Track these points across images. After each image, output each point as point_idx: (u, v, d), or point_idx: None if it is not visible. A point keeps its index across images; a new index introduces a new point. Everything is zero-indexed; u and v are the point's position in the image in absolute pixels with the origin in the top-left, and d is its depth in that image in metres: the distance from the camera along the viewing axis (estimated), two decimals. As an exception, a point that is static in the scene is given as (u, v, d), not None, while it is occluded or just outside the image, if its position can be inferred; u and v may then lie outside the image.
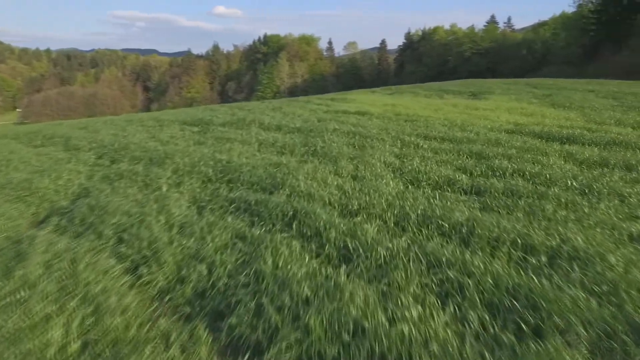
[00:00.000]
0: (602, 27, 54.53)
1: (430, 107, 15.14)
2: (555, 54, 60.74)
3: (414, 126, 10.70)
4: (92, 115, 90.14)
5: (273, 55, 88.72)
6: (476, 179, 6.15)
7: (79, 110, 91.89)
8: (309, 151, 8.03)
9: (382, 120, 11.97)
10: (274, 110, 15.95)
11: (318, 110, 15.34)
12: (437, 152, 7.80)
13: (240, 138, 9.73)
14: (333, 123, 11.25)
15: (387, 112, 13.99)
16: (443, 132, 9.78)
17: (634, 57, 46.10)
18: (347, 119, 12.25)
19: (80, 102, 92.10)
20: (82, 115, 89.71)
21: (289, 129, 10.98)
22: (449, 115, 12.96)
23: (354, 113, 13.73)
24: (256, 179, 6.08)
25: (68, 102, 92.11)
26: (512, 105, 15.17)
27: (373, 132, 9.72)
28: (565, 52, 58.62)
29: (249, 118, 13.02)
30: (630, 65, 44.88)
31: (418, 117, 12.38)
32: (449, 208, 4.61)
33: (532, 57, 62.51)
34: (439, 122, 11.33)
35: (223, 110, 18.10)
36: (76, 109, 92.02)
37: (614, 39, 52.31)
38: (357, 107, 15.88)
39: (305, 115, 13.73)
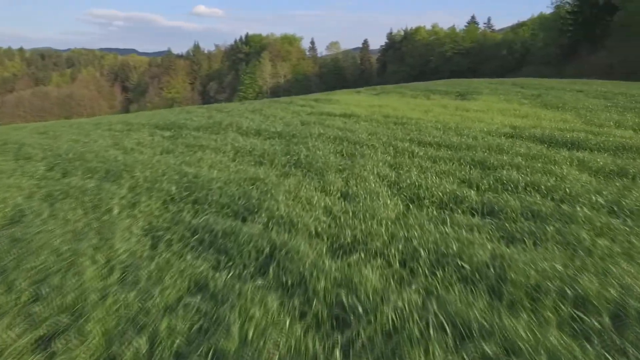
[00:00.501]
0: (579, 27, 55.28)
1: (419, 109, 14.30)
2: (534, 54, 61.34)
3: (406, 130, 9.79)
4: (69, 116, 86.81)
5: (255, 55, 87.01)
6: (485, 194, 5.24)
7: (54, 111, 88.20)
8: (291, 161, 6.99)
9: (371, 124, 11.02)
10: (253, 112, 14.83)
11: (301, 112, 14.31)
12: (435, 161, 6.88)
13: (214, 145, 8.61)
14: (318, 127, 10.24)
15: (375, 113, 13.06)
16: (438, 136, 8.89)
17: (611, 57, 46.74)
18: (333, 122, 11.25)
19: (55, 103, 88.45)
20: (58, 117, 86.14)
21: (269, 133, 9.91)
22: (441, 117, 12.13)
23: (340, 115, 12.75)
24: (227, 199, 5.01)
25: (42, 103, 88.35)
26: (503, 106, 14.48)
27: (362, 137, 8.75)
28: (543, 53, 59.22)
29: (226, 121, 11.88)
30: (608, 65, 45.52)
31: (408, 120, 11.49)
32: (466, 240, 3.65)
33: (512, 57, 62.97)
34: (431, 125, 10.46)
35: (200, 112, 16.85)
36: (51, 110, 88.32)
37: (591, 39, 53.08)
38: (342, 108, 14.91)
39: (287, 118, 12.68)
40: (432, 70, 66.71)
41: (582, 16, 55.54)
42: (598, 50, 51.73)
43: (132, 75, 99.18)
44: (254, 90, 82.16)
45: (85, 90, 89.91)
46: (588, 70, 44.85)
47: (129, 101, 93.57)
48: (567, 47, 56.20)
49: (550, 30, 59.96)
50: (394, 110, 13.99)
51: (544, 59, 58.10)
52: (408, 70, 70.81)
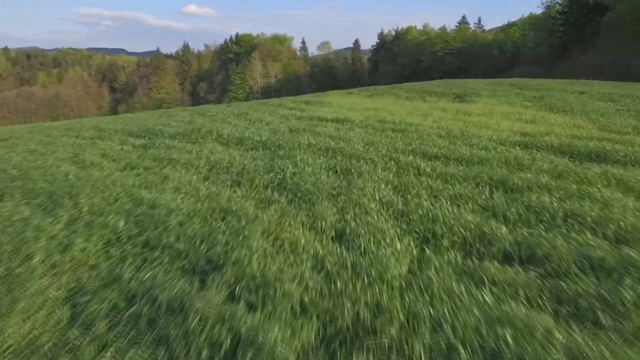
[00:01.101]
0: (569, 27, 54.95)
1: (417, 112, 13.17)
2: (525, 54, 60.87)
3: (406, 138, 8.61)
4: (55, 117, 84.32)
5: (245, 55, 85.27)
6: (518, 229, 4.09)
7: (40, 112, 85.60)
8: (275, 181, 5.77)
9: (366, 130, 9.84)
10: (239, 116, 13.55)
11: (290, 116, 13.07)
12: (446, 181, 5.72)
13: (187, 158, 7.33)
14: (307, 135, 9.03)
15: (370, 118, 11.89)
16: (444, 147, 7.74)
17: (602, 57, 46.37)
18: (325, 128, 10.04)
19: (41, 104, 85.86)
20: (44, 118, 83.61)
21: (252, 143, 8.67)
22: (442, 122, 11.00)
23: (332, 120, 11.54)
24: (186, 243, 3.76)
25: (28, 104, 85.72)
26: (506, 109, 13.41)
27: (358, 148, 7.55)
28: (534, 52, 58.79)
29: (206, 128, 10.59)
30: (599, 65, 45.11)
31: (407, 126, 10.34)
32: (520, 321, 2.47)
33: (503, 57, 62.43)
34: (433, 132, 9.32)
35: (182, 115, 15.52)
36: (36, 111, 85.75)
37: (581, 39, 52.75)
38: (334, 112, 13.72)
39: (274, 124, 11.43)
40: (423, 70, 65.88)
41: (572, 16, 55.22)
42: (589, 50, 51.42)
43: (120, 75, 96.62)
44: (245, 91, 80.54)
45: (71, 90, 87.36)
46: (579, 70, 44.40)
47: (117, 102, 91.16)
48: (558, 47, 55.85)
49: (540, 30, 59.55)
50: (391, 114, 12.83)
51: (535, 58, 57.66)
52: (400, 70, 69.85)
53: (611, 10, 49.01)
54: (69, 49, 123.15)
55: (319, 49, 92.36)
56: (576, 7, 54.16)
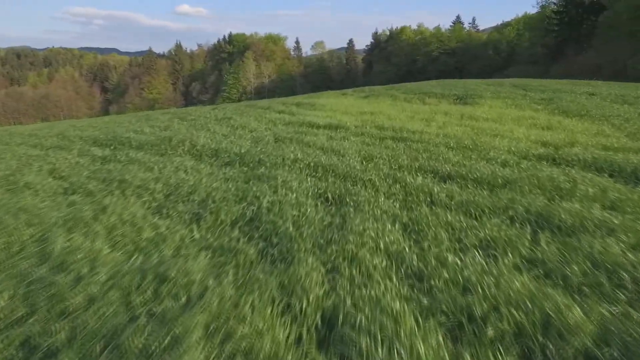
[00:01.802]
0: (565, 27, 54.00)
1: (418, 117, 11.80)
2: (520, 54, 59.92)
3: (410, 151, 7.22)
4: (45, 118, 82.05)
5: (239, 55, 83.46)
6: (596, 308, 2.71)
7: (29, 113, 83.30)
8: (246, 215, 4.35)
9: (363, 140, 8.44)
10: (221, 121, 12.09)
11: (278, 121, 11.63)
12: (470, 214, 4.33)
13: (142, 179, 5.88)
14: (295, 146, 7.60)
15: (367, 124, 10.50)
16: (457, 162, 6.36)
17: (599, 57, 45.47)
18: (315, 137, 8.62)
19: (30, 104, 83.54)
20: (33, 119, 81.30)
21: (229, 156, 7.23)
22: (448, 129, 9.63)
23: (324, 127, 10.13)
24: (78, 352, 2.32)
25: (17, 104, 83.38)
26: (516, 113, 12.08)
27: (354, 165, 6.14)
28: (530, 52, 57.82)
29: (180, 136, 9.13)
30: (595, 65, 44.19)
31: (410, 134, 8.96)
32: None
33: (498, 57, 61.42)
34: (441, 142, 7.95)
35: (161, 120, 14.03)
36: (26, 111, 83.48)
37: (577, 39, 51.86)
38: (327, 116, 12.31)
39: (259, 131, 10.00)
40: (419, 70, 64.66)
41: (567, 16, 54.28)
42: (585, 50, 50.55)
43: (111, 75, 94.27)
44: (238, 91, 78.83)
45: (62, 90, 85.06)
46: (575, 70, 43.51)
47: (109, 102, 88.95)
48: (554, 47, 54.92)
49: (535, 30, 58.61)
50: (389, 119, 11.45)
51: (530, 58, 56.72)
52: (394, 70, 68.52)
53: (608, 9, 48.08)
54: (59, 48, 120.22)
55: (313, 48, 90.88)
56: (572, 6, 53.22)
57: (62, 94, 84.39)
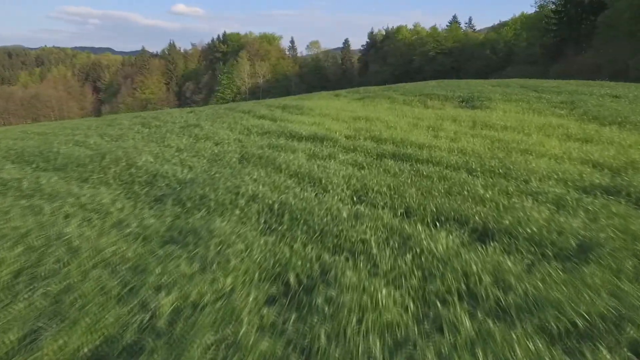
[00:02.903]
0: (564, 27, 52.23)
1: (422, 124, 9.68)
2: (518, 54, 58.03)
3: (420, 179, 5.09)
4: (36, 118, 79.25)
5: (233, 55, 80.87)
6: None
7: (19, 113, 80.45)
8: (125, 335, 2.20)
9: (355, 158, 6.31)
10: (186, 129, 9.91)
11: (254, 129, 9.48)
12: (553, 337, 2.22)
13: (11, 238, 3.70)
14: (260, 171, 5.45)
15: (360, 134, 8.39)
16: (490, 200, 4.24)
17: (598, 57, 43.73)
18: (293, 155, 6.47)
19: (20, 104, 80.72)
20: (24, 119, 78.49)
21: (167, 185, 5.08)
22: (462, 141, 7.52)
23: (308, 138, 8.00)
24: None
25: (6, 104, 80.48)
26: (537, 119, 9.98)
27: (338, 208, 3.99)
28: (528, 52, 55.94)
29: (119, 152, 6.94)
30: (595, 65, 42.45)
31: (415, 149, 6.85)
32: None
33: (496, 57, 59.50)
34: (459, 164, 5.85)
35: (121, 126, 11.83)
36: (15, 112, 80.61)
37: (576, 39, 50.11)
38: (314, 123, 10.18)
39: (226, 143, 7.84)
40: (415, 70, 62.58)
41: (566, 15, 52.49)
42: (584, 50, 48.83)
43: (104, 74, 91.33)
44: (232, 91, 76.41)
45: (52, 90, 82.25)
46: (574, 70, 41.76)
47: (101, 102, 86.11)
48: (552, 47, 53.13)
49: (533, 30, 56.73)
50: (388, 127, 9.33)
51: (528, 58, 54.82)
52: (391, 70, 66.30)
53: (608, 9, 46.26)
54: (52, 47, 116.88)
55: (308, 48, 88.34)
56: (571, 6, 51.38)
57: (52, 94, 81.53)
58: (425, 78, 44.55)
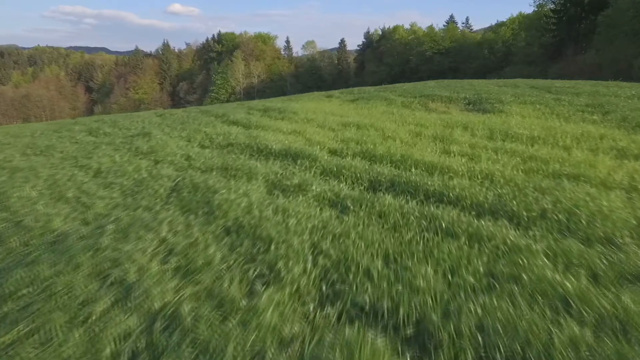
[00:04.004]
0: (563, 26, 50.46)
1: (427, 133, 7.63)
2: (516, 54, 56.15)
3: (435, 232, 3.06)
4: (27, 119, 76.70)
5: (228, 54, 78.54)
6: None
7: (10, 113, 77.92)
8: None
9: (336, 190, 4.24)
10: (130, 140, 7.81)
11: (217, 139, 7.40)
12: None
13: None
14: (176, 222, 3.39)
15: (349, 148, 6.34)
16: (581, 301, 2.21)
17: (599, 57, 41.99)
18: (248, 185, 4.40)
19: (10, 104, 78.14)
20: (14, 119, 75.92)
21: (26, 244, 3.02)
22: (485, 162, 5.48)
23: (279, 154, 5.93)
24: None
25: (-4, 104, 77.97)
26: (568, 128, 7.94)
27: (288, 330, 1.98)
28: (526, 52, 54.09)
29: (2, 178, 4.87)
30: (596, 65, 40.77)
31: (422, 174, 4.80)
32: None
33: (494, 57, 57.63)
34: (489, 200, 3.81)
35: (76, 130, 9.73)
36: (6, 112, 78.04)
37: (576, 38, 48.37)
38: (293, 131, 8.12)
39: (166, 163, 5.77)
40: (412, 70, 60.58)
41: (566, 15, 50.70)
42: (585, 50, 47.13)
43: (96, 74, 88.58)
44: (227, 91, 74.12)
45: (44, 90, 79.68)
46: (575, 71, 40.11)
47: (94, 102, 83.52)
48: (551, 47, 51.36)
49: (532, 30, 54.89)
50: (385, 137, 7.27)
51: (527, 58, 52.97)
52: (387, 70, 64.20)
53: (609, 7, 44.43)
54: (45, 47, 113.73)
55: (304, 48, 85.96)
56: (570, 5, 49.55)
57: (43, 94, 78.98)
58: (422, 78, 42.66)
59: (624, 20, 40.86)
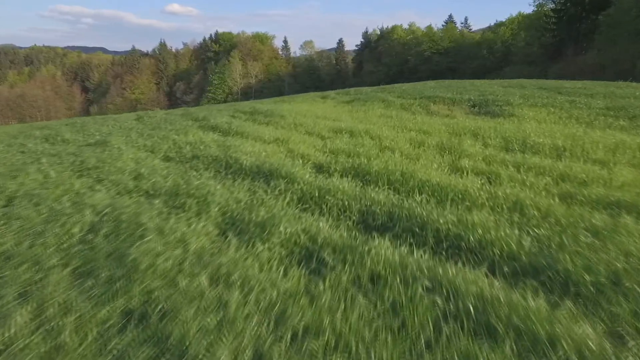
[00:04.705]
0: (563, 26, 49.31)
1: (431, 142, 6.42)
2: (515, 53, 54.98)
3: (467, 328, 1.89)
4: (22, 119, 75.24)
5: (225, 54, 77.15)
6: None
7: (5, 113, 76.47)
8: None
9: (314, 231, 3.05)
10: (82, 150, 6.60)
11: (185, 149, 6.19)
12: None
13: None
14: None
15: (338, 162, 5.14)
16: None
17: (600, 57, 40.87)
18: (186, 230, 3.20)
19: (5, 104, 76.66)
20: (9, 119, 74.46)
21: None
22: (505, 182, 4.29)
23: (249, 172, 4.72)
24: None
25: (-9, 104, 76.52)
26: (597, 136, 6.74)
27: None
28: (526, 52, 52.91)
29: None
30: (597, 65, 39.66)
31: (430, 202, 3.60)
32: None
33: (493, 57, 56.44)
34: (527, 250, 2.63)
35: (11, 141, 8.52)
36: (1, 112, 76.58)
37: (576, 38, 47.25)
38: (276, 139, 6.91)
39: (108, 183, 4.57)
40: (410, 70, 59.34)
41: (566, 14, 49.54)
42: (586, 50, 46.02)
43: (92, 74, 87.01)
44: (224, 92, 72.79)
45: (39, 90, 78.21)
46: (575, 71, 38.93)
47: (90, 102, 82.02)
48: (551, 47, 50.20)
49: (532, 30, 53.72)
50: (382, 147, 6.08)
51: (526, 58, 51.80)
52: (385, 70, 62.93)
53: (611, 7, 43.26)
54: (42, 46, 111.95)
55: (302, 48, 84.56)
56: (571, 4, 48.39)
57: (39, 93, 77.50)
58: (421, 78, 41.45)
59: (626, 19, 39.70)
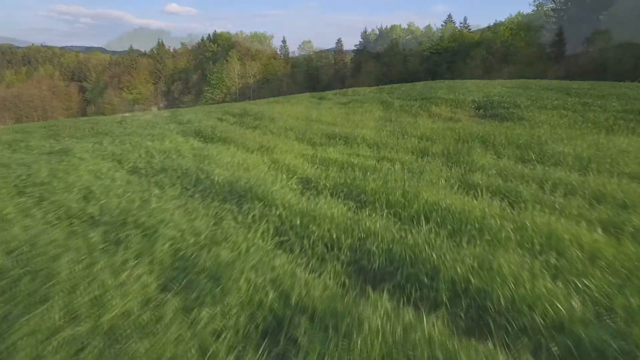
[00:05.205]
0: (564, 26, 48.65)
1: (435, 151, 5.60)
2: (515, 53, 54.20)
3: None
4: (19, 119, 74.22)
5: (223, 54, 76.17)
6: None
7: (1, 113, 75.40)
8: None
9: (280, 287, 2.25)
10: (37, 160, 5.77)
11: (155, 159, 5.38)
12: None
13: None
14: None
15: (328, 178, 4.31)
16: None
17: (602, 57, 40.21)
18: (129, 272, 2.41)
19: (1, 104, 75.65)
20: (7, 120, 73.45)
21: None
22: (533, 208, 3.46)
23: (222, 191, 3.89)
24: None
25: (-13, 104, 75.49)
26: (626, 144, 5.93)
27: None
28: (525, 52, 52.14)
29: None
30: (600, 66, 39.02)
31: (440, 232, 2.78)
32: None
33: (492, 57, 55.61)
34: (570, 306, 1.83)
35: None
36: (-3, 112, 75.54)
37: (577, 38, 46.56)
38: (261, 147, 6.08)
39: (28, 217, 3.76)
40: (409, 70, 58.58)
41: (567, 14, 48.84)
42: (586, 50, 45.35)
43: (90, 74, 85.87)
44: (222, 92, 71.89)
45: (36, 90, 77.20)
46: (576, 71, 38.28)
47: (87, 102, 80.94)
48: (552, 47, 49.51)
49: (532, 30, 52.99)
50: (379, 157, 5.24)
51: (526, 58, 51.06)
52: (384, 70, 62.17)
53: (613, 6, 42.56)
54: (40, 46, 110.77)
55: (300, 48, 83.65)
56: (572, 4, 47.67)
57: (35, 93, 76.49)
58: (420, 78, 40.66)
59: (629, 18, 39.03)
